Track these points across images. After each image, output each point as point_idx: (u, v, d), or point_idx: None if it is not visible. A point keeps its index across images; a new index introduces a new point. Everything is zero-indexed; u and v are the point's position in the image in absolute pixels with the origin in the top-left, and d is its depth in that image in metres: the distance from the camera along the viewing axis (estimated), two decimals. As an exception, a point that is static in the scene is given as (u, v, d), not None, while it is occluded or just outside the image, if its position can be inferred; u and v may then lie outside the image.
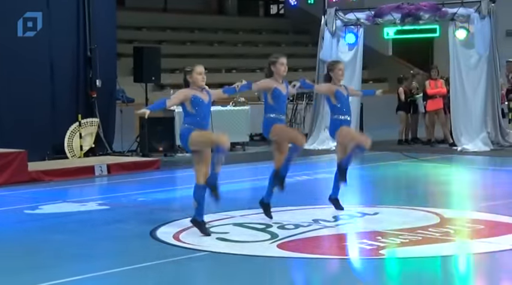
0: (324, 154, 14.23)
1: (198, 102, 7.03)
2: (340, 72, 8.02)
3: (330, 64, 8.27)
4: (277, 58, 7.56)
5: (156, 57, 14.23)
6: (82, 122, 12.88)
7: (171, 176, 11.90)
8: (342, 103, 7.98)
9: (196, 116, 7.05)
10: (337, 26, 15.15)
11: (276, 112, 7.52)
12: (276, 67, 7.53)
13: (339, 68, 8.05)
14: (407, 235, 7.02)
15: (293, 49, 23.92)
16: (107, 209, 8.85)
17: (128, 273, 6.01)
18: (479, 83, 14.11)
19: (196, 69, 7.07)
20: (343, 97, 8.01)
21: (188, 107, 7.05)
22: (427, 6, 14.42)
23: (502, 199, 9.01)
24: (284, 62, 7.56)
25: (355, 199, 9.65)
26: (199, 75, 7.07)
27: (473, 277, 6.03)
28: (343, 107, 7.98)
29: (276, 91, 7.49)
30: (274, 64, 7.53)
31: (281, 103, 7.58)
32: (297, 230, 7.24)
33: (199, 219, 7.07)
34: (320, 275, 6.08)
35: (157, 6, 23.72)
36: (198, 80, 7.06)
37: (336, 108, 8.01)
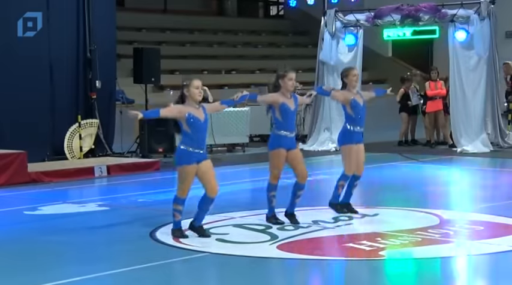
0: (323, 155, 14.22)
1: (194, 121, 6.87)
2: (354, 78, 7.88)
3: (344, 70, 8.09)
4: (286, 73, 7.33)
5: (155, 58, 14.22)
6: (82, 123, 12.88)
7: (171, 178, 11.88)
8: (357, 113, 7.84)
9: (192, 136, 6.86)
10: (337, 27, 15.15)
11: (285, 129, 7.31)
12: (284, 81, 7.30)
13: (353, 74, 7.90)
14: (407, 236, 7.02)
15: (293, 50, 23.96)
16: (106, 211, 8.85)
17: (127, 274, 6.01)
18: (479, 84, 14.11)
19: (194, 83, 6.91)
20: (359, 107, 7.86)
21: (184, 125, 6.91)
22: (427, 7, 14.42)
23: (501, 200, 9.01)
24: (293, 77, 7.33)
25: (355, 200, 9.64)
26: (197, 89, 6.91)
27: (473, 278, 6.03)
28: (357, 117, 7.84)
29: (283, 106, 7.29)
30: (283, 78, 7.32)
31: (290, 119, 7.36)
32: (296, 231, 7.24)
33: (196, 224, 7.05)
34: (320, 276, 6.08)
35: (157, 7, 23.74)
36: (195, 94, 6.89)
37: (350, 118, 7.88)
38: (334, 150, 14.74)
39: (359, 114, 7.87)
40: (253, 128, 15.28)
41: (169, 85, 17.93)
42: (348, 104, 7.85)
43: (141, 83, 14.27)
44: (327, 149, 14.76)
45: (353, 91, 7.93)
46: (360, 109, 7.88)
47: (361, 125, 7.91)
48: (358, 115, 7.86)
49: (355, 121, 7.87)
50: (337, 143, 8.19)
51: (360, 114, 7.88)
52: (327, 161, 13.74)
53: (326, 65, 15.31)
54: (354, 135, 7.88)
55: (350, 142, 7.90)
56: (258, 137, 16.12)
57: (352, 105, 7.84)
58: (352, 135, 7.88)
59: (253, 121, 14.96)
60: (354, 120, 7.87)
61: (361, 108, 7.90)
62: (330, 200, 8.07)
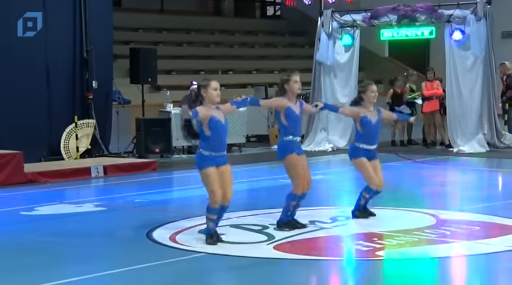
0: (320, 155, 14.23)
1: (216, 123, 6.59)
2: (372, 94, 7.60)
3: (362, 85, 7.83)
4: (290, 76, 7.20)
5: (152, 58, 14.22)
6: (78, 123, 12.86)
7: (168, 178, 11.90)
8: (366, 131, 7.55)
9: (212, 139, 6.59)
10: (334, 28, 15.16)
11: (292, 135, 7.15)
12: (290, 85, 7.16)
13: (372, 90, 7.62)
14: (404, 236, 7.03)
15: (289, 50, 23.93)
16: (103, 211, 8.84)
17: (124, 274, 6.00)
18: (475, 85, 14.13)
19: (212, 85, 6.62)
20: (370, 124, 7.56)
21: (205, 128, 6.58)
22: (423, 7, 14.44)
23: (498, 201, 9.03)
24: (298, 80, 7.19)
25: (352, 200, 9.65)
26: (215, 91, 6.60)
27: (470, 279, 6.04)
28: (366, 134, 7.56)
29: (288, 110, 7.13)
30: (288, 82, 7.17)
31: (295, 124, 7.19)
32: (293, 231, 7.24)
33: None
34: (316, 276, 6.09)
35: (153, 7, 23.70)
36: (213, 96, 6.60)
37: (357, 134, 7.64)
38: (331, 150, 14.76)
39: (368, 131, 7.57)
40: (249, 128, 15.28)
41: (166, 85, 17.90)
42: (358, 120, 7.59)
43: (137, 83, 14.26)
44: (324, 150, 14.77)
45: (369, 108, 7.63)
46: (370, 127, 7.57)
47: (370, 143, 7.60)
48: (367, 133, 7.56)
49: (361, 139, 7.60)
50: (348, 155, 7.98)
51: (369, 131, 7.58)
52: (324, 161, 13.75)
53: (323, 65, 15.32)
54: (363, 152, 7.63)
55: (359, 156, 7.68)
56: (255, 137, 16.12)
57: (363, 122, 7.56)
58: (362, 151, 7.64)
59: (250, 121, 14.97)
60: (360, 137, 7.61)
61: (372, 126, 7.58)
62: (352, 210, 7.91)
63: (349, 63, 15.24)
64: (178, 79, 19.28)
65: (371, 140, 7.64)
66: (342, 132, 15.14)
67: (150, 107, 14.73)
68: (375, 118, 7.65)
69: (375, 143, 7.69)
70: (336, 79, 15.29)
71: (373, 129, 7.62)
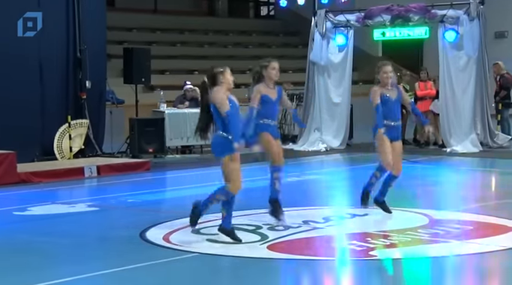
0: (313, 155, 14.24)
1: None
2: (385, 75, 7.76)
3: (378, 66, 7.97)
4: (268, 63, 7.43)
5: (146, 58, 14.20)
6: (72, 123, 12.84)
7: (161, 178, 11.88)
8: (387, 108, 7.71)
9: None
10: (327, 28, 15.17)
11: (265, 118, 7.37)
12: (268, 71, 7.41)
13: (384, 71, 7.79)
14: (397, 236, 7.04)
15: (283, 50, 23.95)
16: (96, 211, 8.83)
17: (117, 275, 5.99)
18: (469, 85, 14.16)
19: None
20: (390, 101, 7.72)
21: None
22: (417, 7, 14.47)
23: (490, 200, 9.06)
24: (276, 66, 7.42)
25: (345, 200, 9.67)
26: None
27: (462, 278, 6.05)
28: (387, 112, 7.71)
29: (264, 97, 7.38)
30: (266, 68, 7.42)
31: (270, 109, 7.42)
32: (287, 231, 7.25)
33: (228, 227, 6.82)
34: (310, 276, 6.09)
35: (147, 7, 23.68)
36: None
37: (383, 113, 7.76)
38: (324, 150, 14.78)
39: (389, 108, 7.72)
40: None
41: (159, 85, 17.89)
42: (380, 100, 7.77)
43: (131, 83, 14.25)
44: (317, 150, 14.78)
45: (386, 87, 7.79)
46: (391, 103, 7.74)
47: (391, 118, 7.73)
48: (387, 109, 7.71)
49: (384, 115, 7.73)
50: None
51: (390, 107, 7.72)
52: (317, 161, 13.76)
53: (316, 65, 15.33)
54: (387, 129, 7.73)
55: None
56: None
57: (383, 100, 7.73)
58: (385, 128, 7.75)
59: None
60: (384, 114, 7.74)
61: (393, 102, 7.76)
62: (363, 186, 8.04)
63: (343, 63, 15.26)
64: (171, 79, 19.26)
65: (392, 115, 7.77)
66: (336, 132, 15.15)
67: (144, 107, 14.71)
68: (394, 96, 7.81)
69: (397, 120, 7.80)
70: (330, 79, 15.30)
71: (394, 105, 7.79)
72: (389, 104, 7.77)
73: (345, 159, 14.18)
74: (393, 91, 7.84)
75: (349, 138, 15.43)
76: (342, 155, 14.42)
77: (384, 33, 15.24)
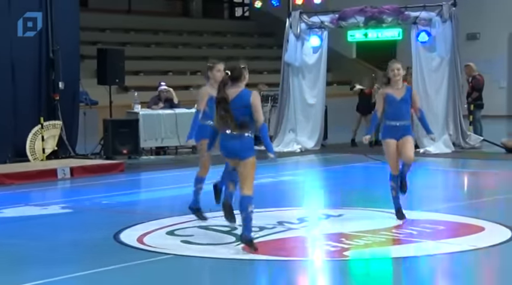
0: (288, 156, 14.27)
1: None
2: (392, 73, 7.75)
3: (388, 64, 7.98)
4: (214, 64, 7.55)
5: (120, 59, 14.12)
6: (44, 124, 12.72)
7: (136, 179, 11.82)
8: (392, 108, 7.68)
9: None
10: (302, 29, 15.22)
11: (211, 119, 7.23)
12: (213, 73, 7.52)
13: (392, 69, 7.79)
14: (371, 236, 7.08)
15: (258, 51, 23.98)
16: (69, 213, 8.75)
17: (91, 277, 5.95)
18: (441, 86, 14.30)
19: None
20: (395, 101, 7.67)
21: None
22: (390, 9, 14.58)
23: (463, 200, 9.15)
24: (221, 69, 7.46)
25: (320, 201, 9.71)
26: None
27: (435, 278, 6.10)
28: (392, 112, 7.69)
29: (212, 99, 7.29)
30: (211, 70, 7.54)
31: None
32: (261, 232, 7.25)
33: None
34: (285, 276, 6.10)
35: (121, 7, 23.55)
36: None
37: (386, 113, 7.76)
38: (299, 151, 14.82)
39: (394, 107, 7.67)
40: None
41: (133, 86, 17.79)
42: (384, 100, 7.77)
43: (105, 84, 14.16)
44: (292, 150, 14.81)
45: (394, 86, 7.76)
46: (395, 103, 7.68)
47: (396, 118, 7.66)
48: (392, 109, 7.67)
49: (388, 116, 7.72)
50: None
51: (394, 107, 7.67)
52: (292, 162, 13.79)
53: (291, 66, 15.37)
54: (392, 130, 7.70)
55: (384, 137, 7.81)
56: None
57: (388, 100, 7.71)
58: (390, 129, 7.72)
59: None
60: (387, 114, 7.74)
61: (397, 102, 7.67)
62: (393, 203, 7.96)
63: (317, 64, 15.31)
64: (146, 80, 19.17)
65: (396, 115, 7.70)
66: (311, 133, 15.20)
67: (118, 108, 14.63)
68: (400, 95, 7.74)
69: (402, 119, 7.72)
70: (304, 80, 15.35)
71: (398, 105, 7.70)
72: (394, 104, 7.70)
73: (320, 160, 14.24)
74: (400, 91, 7.76)
75: (323, 139, 15.49)
76: (316, 156, 14.48)
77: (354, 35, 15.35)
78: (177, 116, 14.19)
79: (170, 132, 14.17)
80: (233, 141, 6.41)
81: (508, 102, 22.75)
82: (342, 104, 17.78)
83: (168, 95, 14.70)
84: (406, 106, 7.74)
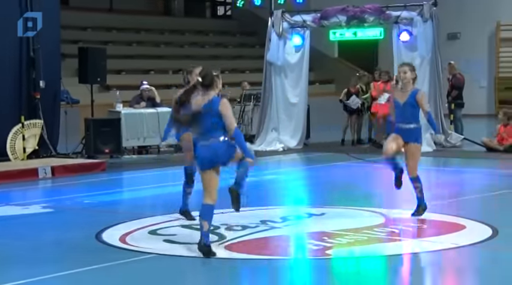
0: (271, 155, 14.29)
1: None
2: (399, 75, 7.84)
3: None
4: (193, 68, 7.58)
5: (101, 58, 14.05)
6: (25, 123, 12.63)
7: (118, 178, 11.77)
8: (397, 111, 7.76)
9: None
10: (284, 28, 15.23)
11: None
12: (192, 77, 7.51)
13: (399, 71, 7.89)
14: (353, 235, 7.11)
15: (240, 50, 23.96)
16: (51, 212, 8.70)
17: (73, 277, 5.92)
18: (422, 85, 14.32)
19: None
20: (397, 105, 7.75)
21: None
22: (372, 9, 14.64)
23: (444, 199, 9.21)
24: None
25: (303, 200, 9.73)
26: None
27: (417, 276, 6.14)
28: (398, 115, 7.75)
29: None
30: (191, 74, 7.57)
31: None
32: (244, 231, 7.26)
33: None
34: (268, 275, 6.11)
35: (102, 6, 23.43)
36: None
37: (395, 116, 7.84)
38: (281, 150, 14.84)
39: (398, 111, 7.75)
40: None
41: (115, 85, 17.71)
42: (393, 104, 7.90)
43: (86, 83, 14.08)
44: (275, 149, 14.83)
45: (401, 89, 7.81)
46: (398, 107, 7.73)
47: (402, 121, 7.69)
48: (397, 112, 7.74)
49: (396, 119, 7.80)
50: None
51: (398, 111, 7.74)
52: (275, 161, 13.81)
53: (273, 65, 15.38)
54: (400, 132, 7.76)
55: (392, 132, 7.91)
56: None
57: (394, 104, 7.83)
58: (398, 131, 7.78)
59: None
60: (396, 117, 7.81)
61: (400, 106, 7.72)
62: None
63: (300, 64, 15.34)
64: (128, 79, 19.09)
65: (402, 118, 7.74)
66: (293, 132, 15.23)
67: (100, 107, 14.55)
68: (403, 99, 7.75)
69: (407, 122, 7.73)
70: (287, 80, 15.37)
71: (402, 108, 7.73)
72: (398, 108, 7.76)
73: (302, 159, 14.27)
74: (405, 94, 7.77)
75: (306, 138, 15.53)
76: (299, 155, 14.50)
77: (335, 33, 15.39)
78: (159, 115, 14.15)
79: (152, 131, 14.13)
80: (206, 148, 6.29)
81: (488, 101, 22.96)
82: (325, 103, 17.84)
83: (150, 94, 14.65)
84: (411, 110, 7.74)
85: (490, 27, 22.79)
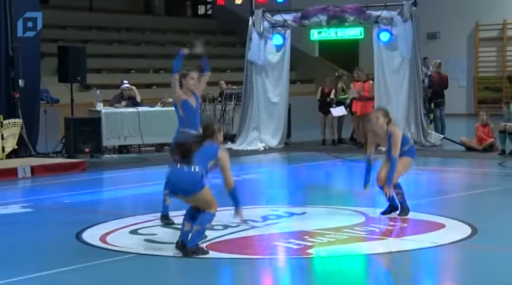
0: (252, 154, 14.30)
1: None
2: (371, 120, 7.92)
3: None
4: (188, 71, 7.61)
5: (81, 57, 13.97)
6: (4, 123, 12.53)
7: (98, 178, 11.72)
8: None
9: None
10: (265, 27, 15.26)
11: (189, 127, 7.42)
12: (186, 80, 7.55)
13: (371, 116, 7.97)
14: (334, 234, 7.14)
15: (221, 50, 23.94)
16: (30, 212, 8.64)
17: (54, 276, 5.89)
18: (403, 84, 14.47)
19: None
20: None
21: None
22: (352, 8, 14.71)
23: (423, 198, 9.28)
24: (194, 77, 7.59)
25: (283, 199, 9.75)
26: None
27: (397, 274, 6.18)
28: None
29: (185, 103, 7.49)
30: (185, 77, 7.58)
31: (192, 116, 7.53)
32: (225, 230, 7.26)
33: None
34: (249, 275, 6.12)
35: (82, 5, 23.30)
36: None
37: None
38: (263, 149, 14.85)
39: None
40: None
41: (95, 84, 17.63)
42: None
43: (66, 82, 13.99)
44: (256, 149, 14.84)
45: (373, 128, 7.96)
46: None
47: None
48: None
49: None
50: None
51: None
52: (256, 160, 13.82)
53: (254, 65, 15.39)
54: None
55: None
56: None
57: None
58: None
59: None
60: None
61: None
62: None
63: (281, 63, 15.37)
64: (108, 78, 19.00)
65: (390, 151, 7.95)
66: (274, 131, 15.25)
67: (80, 106, 14.47)
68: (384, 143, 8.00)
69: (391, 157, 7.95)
70: (268, 79, 15.39)
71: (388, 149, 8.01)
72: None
73: (283, 158, 14.30)
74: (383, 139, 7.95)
75: (287, 137, 15.56)
76: (280, 154, 14.53)
77: (320, 32, 15.43)
78: (139, 114, 14.11)
79: (133, 130, 14.08)
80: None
81: (467, 100, 23.16)
82: (305, 102, 17.88)
83: (130, 93, 14.60)
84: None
85: (469, 27, 22.99)
